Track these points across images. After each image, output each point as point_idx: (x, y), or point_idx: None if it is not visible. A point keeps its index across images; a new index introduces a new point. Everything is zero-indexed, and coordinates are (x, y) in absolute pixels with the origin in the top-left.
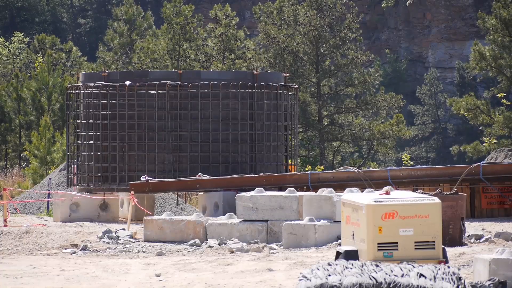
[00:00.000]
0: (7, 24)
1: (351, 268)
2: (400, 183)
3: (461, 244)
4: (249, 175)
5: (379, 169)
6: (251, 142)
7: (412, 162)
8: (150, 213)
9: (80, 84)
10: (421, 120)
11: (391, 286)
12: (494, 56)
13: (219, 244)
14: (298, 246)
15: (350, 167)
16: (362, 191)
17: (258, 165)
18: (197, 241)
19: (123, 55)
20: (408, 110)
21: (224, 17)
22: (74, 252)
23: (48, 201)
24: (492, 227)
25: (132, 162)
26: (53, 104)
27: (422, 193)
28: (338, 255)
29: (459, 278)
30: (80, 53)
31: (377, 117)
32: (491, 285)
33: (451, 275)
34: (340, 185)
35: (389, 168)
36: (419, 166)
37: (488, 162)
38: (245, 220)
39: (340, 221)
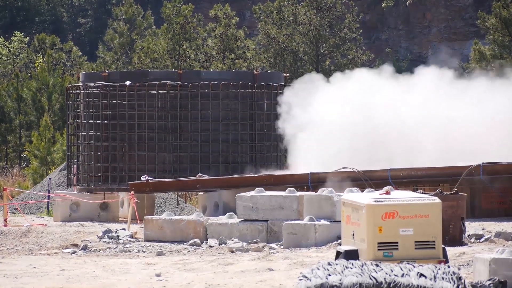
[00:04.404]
0: (7, 24)
1: (351, 268)
2: (400, 183)
3: (461, 243)
4: (249, 175)
5: (379, 169)
6: (251, 142)
7: None
8: (140, 221)
9: (80, 84)
10: None
11: (391, 286)
12: (494, 56)
13: (219, 244)
14: (298, 245)
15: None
16: (362, 191)
17: (258, 165)
18: (197, 240)
19: (123, 55)
20: None
21: (224, 16)
22: (74, 252)
23: (48, 201)
24: (492, 227)
25: (132, 162)
26: (53, 104)
27: (422, 193)
28: (338, 255)
29: (459, 278)
30: (80, 53)
31: None
32: (491, 284)
33: (451, 275)
34: (340, 185)
35: (389, 168)
36: (419, 166)
37: (488, 162)
38: (245, 220)
39: (340, 221)
